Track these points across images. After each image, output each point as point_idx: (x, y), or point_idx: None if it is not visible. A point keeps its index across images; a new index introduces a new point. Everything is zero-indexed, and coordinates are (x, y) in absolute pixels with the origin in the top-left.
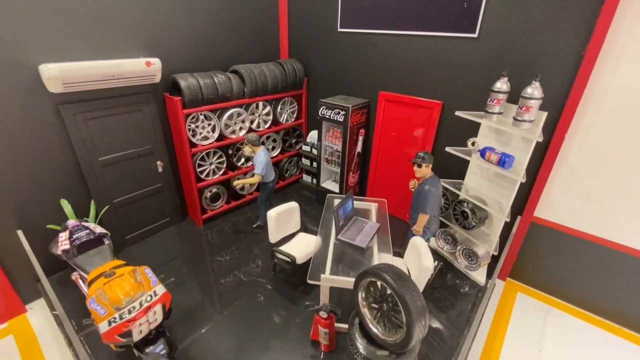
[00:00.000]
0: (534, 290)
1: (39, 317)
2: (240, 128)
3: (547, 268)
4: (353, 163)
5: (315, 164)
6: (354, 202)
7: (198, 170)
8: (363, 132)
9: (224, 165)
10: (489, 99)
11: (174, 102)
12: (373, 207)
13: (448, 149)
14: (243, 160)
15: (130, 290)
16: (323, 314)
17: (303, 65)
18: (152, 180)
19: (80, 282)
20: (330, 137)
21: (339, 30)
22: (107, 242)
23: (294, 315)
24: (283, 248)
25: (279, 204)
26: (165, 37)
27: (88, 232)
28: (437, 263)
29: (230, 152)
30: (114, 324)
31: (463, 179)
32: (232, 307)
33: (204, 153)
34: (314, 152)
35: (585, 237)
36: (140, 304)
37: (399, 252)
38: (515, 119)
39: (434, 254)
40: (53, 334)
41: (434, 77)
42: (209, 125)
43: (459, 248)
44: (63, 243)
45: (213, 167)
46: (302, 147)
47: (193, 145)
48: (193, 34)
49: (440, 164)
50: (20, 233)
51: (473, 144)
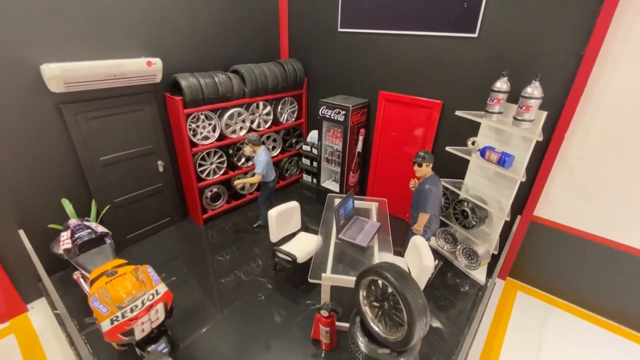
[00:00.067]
0: (534, 290)
1: (40, 316)
2: (241, 128)
3: (547, 267)
4: (353, 163)
5: (316, 164)
6: (355, 201)
7: (199, 170)
8: (363, 131)
9: (225, 165)
10: (489, 99)
11: (175, 101)
12: (373, 206)
13: (448, 149)
14: (243, 160)
15: (133, 289)
16: (324, 313)
17: (303, 65)
18: (152, 180)
19: (82, 281)
20: (331, 136)
21: (339, 30)
22: (108, 241)
23: (295, 315)
24: (284, 247)
25: (280, 204)
26: (166, 37)
27: (90, 231)
28: (437, 262)
29: (231, 151)
30: (117, 323)
31: (463, 179)
32: (232, 306)
33: (205, 153)
34: (314, 151)
35: (585, 236)
36: (143, 303)
37: (400, 251)
38: (515, 119)
39: (434, 253)
40: (54, 333)
41: (434, 76)
42: (210, 125)
43: (459, 247)
44: (65, 242)
45: (214, 166)
46: (302, 146)
47: (194, 145)
48: (194, 34)
49: (441, 164)
50: (22, 232)
51: (473, 144)
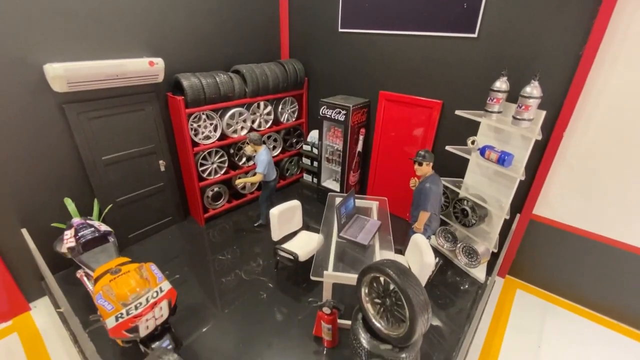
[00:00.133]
0: (533, 287)
1: (43, 315)
2: (242, 127)
3: (546, 265)
4: (354, 162)
5: (316, 163)
6: (355, 200)
7: (200, 170)
8: (364, 131)
9: (226, 165)
10: (489, 98)
11: (177, 101)
12: (374, 205)
13: (448, 148)
14: (245, 160)
15: (137, 287)
16: (326, 310)
17: (304, 65)
18: (154, 180)
19: (85, 279)
20: (331, 136)
21: (340, 31)
22: (111, 239)
23: (297, 313)
24: (286, 246)
25: (280, 203)
26: (168, 37)
27: (93, 229)
28: (437, 259)
29: (232, 151)
30: (121, 320)
31: (463, 178)
32: (234, 305)
33: (206, 152)
34: (315, 151)
35: (584, 234)
36: (147, 300)
37: (400, 249)
38: (515, 118)
39: (434, 252)
40: (57, 332)
41: (434, 76)
42: (211, 125)
43: (459, 246)
44: (68, 241)
45: (215, 166)
46: (302, 146)
47: (195, 145)
48: (195, 34)
49: (441, 163)
50: (25, 232)
51: (473, 143)
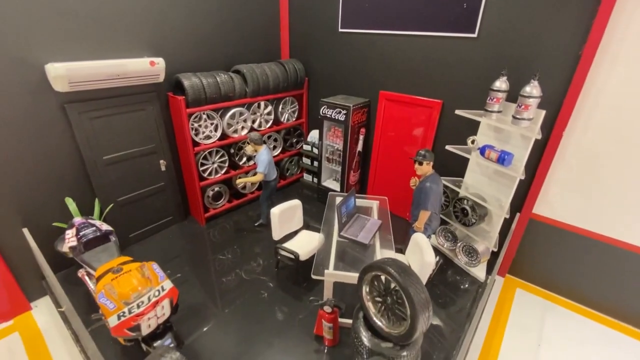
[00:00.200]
0: (533, 286)
1: (44, 314)
2: (242, 127)
3: (545, 264)
4: (354, 162)
5: (316, 163)
6: (356, 199)
7: (201, 169)
8: (364, 131)
9: (226, 164)
10: (489, 98)
11: (178, 101)
12: (374, 204)
13: (448, 147)
14: (245, 159)
15: (138, 286)
16: (327, 309)
17: (304, 65)
18: (155, 179)
19: (87, 278)
20: (332, 136)
21: (340, 31)
22: (113, 239)
23: (297, 312)
24: (286, 245)
25: (281, 203)
26: (169, 37)
27: (94, 229)
28: (438, 258)
29: (233, 151)
30: (123, 318)
31: (463, 177)
32: (235, 304)
33: (207, 152)
34: (315, 151)
35: (584, 233)
36: (149, 299)
37: (401, 248)
38: (515, 117)
39: (435, 251)
40: (58, 331)
41: (434, 76)
42: (212, 125)
43: (459, 245)
44: (70, 240)
45: (215, 166)
46: (303, 146)
47: (196, 144)
48: (195, 34)
49: (441, 162)
50: (26, 231)
51: (473, 142)
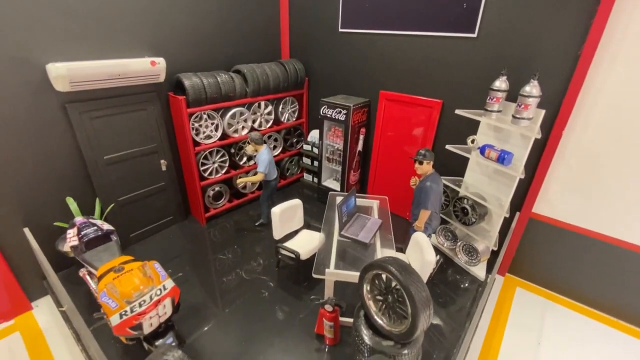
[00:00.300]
0: (533, 285)
1: (45, 314)
2: (243, 127)
3: (545, 263)
4: (354, 161)
5: (316, 163)
6: (356, 199)
7: (201, 169)
8: (364, 130)
9: (227, 164)
10: (488, 98)
11: (178, 101)
12: (375, 204)
13: (448, 147)
14: (245, 159)
15: (140, 285)
16: (328, 308)
17: (304, 65)
18: (155, 179)
19: (88, 278)
20: (332, 135)
21: (340, 31)
22: (114, 238)
23: (298, 311)
24: (287, 244)
25: (281, 202)
26: (169, 37)
27: (96, 228)
28: (438, 257)
29: (233, 150)
30: (125, 317)
31: (463, 176)
32: (236, 303)
33: (207, 152)
34: (315, 151)
35: (583, 232)
36: (151, 298)
37: (401, 247)
38: (514, 117)
39: (435, 250)
40: (60, 330)
41: (434, 76)
42: (212, 124)
43: (459, 244)
44: (72, 239)
45: (216, 165)
46: (303, 146)
47: (196, 144)
48: (196, 34)
49: (441, 162)
50: (27, 231)
51: (473, 142)
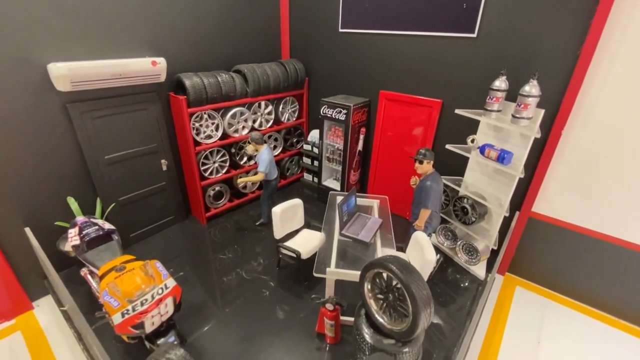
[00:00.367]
0: (532, 284)
1: (46, 313)
2: (243, 127)
3: (544, 262)
4: (354, 161)
5: (316, 163)
6: (357, 198)
7: (202, 169)
8: (364, 130)
9: (227, 164)
10: (488, 97)
11: (179, 101)
12: (375, 203)
13: (448, 147)
14: (246, 159)
15: (142, 284)
16: (329, 306)
17: (304, 65)
18: (156, 179)
19: (90, 277)
20: (332, 135)
21: (340, 31)
22: (115, 237)
23: (299, 310)
24: (288, 244)
25: (281, 202)
26: (170, 37)
27: (97, 228)
28: (439, 256)
29: (233, 150)
30: (127, 316)
31: (463, 176)
32: (237, 303)
33: (208, 151)
34: (315, 151)
35: (582, 231)
36: (152, 297)
37: (401, 246)
38: (514, 116)
39: (435, 250)
40: (61, 330)
41: (434, 76)
42: (213, 124)
43: (459, 243)
44: (73, 239)
45: (216, 165)
46: (303, 146)
47: (197, 144)
48: (196, 34)
49: (441, 161)
50: (28, 230)
51: (472, 141)
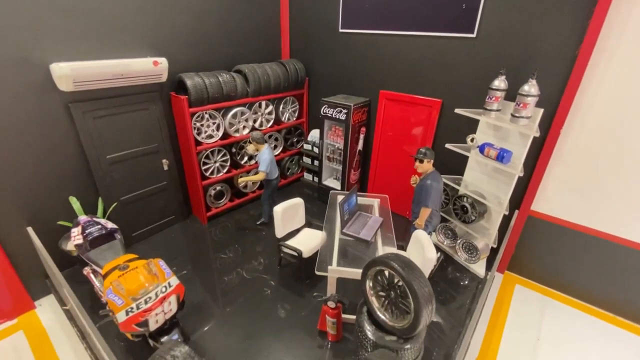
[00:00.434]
0: (532, 282)
1: (48, 312)
2: (244, 127)
3: (544, 260)
4: (354, 160)
5: (316, 162)
6: (357, 197)
7: (203, 168)
8: (364, 130)
9: (228, 164)
10: (488, 97)
11: (180, 100)
12: (375, 202)
13: (448, 146)
14: (246, 159)
15: (145, 282)
16: (331, 304)
17: (304, 65)
18: (157, 178)
19: (92, 276)
20: (332, 135)
21: (340, 31)
22: (118, 237)
23: (301, 308)
24: (289, 242)
25: (282, 202)
26: (171, 37)
27: (100, 227)
28: (439, 255)
29: (234, 150)
30: (132, 314)
31: (463, 175)
32: (238, 302)
33: (209, 151)
34: (315, 150)
35: (581, 229)
36: (156, 295)
37: (402, 245)
38: (513, 116)
39: (435, 248)
40: (63, 329)
41: (434, 76)
42: (214, 124)
43: (459, 242)
44: (76, 238)
45: (217, 165)
46: (303, 145)
47: (198, 144)
48: (197, 34)
49: (440, 161)
50: (30, 230)
51: (472, 140)
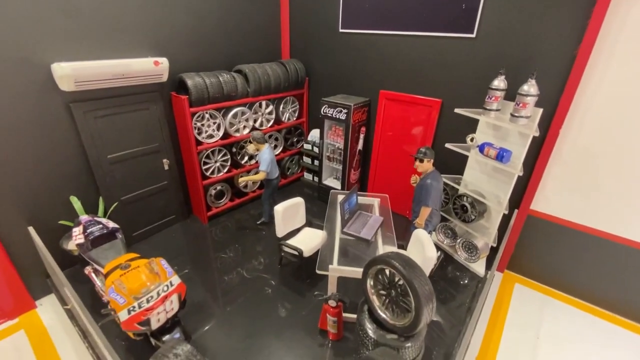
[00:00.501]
0: (531, 282)
1: (49, 312)
2: (244, 127)
3: (543, 259)
4: (354, 160)
5: (317, 162)
6: (358, 197)
7: (203, 168)
8: (364, 129)
9: (229, 163)
10: (487, 97)
11: (181, 100)
12: (376, 202)
13: (448, 145)
14: (247, 158)
15: (147, 281)
16: (332, 303)
17: (304, 65)
18: (158, 178)
19: (94, 275)
20: (332, 135)
21: (341, 31)
22: (119, 236)
23: (301, 307)
24: (290, 242)
25: (282, 201)
26: (172, 37)
27: (101, 226)
28: (440, 254)
29: (235, 150)
30: (134, 313)
31: (462, 174)
32: (239, 301)
33: (209, 151)
34: (315, 150)
35: (580, 228)
36: (158, 294)
37: (402, 244)
38: (513, 115)
39: (435, 247)
40: (64, 328)
41: (434, 76)
42: (214, 124)
43: (459, 241)
44: (77, 237)
45: (218, 164)
46: (303, 145)
47: (198, 144)
48: (197, 34)
49: (440, 160)
50: (31, 229)
51: (472, 140)
